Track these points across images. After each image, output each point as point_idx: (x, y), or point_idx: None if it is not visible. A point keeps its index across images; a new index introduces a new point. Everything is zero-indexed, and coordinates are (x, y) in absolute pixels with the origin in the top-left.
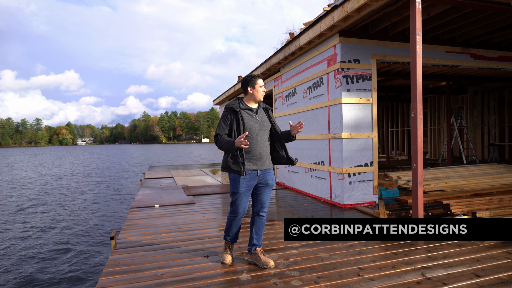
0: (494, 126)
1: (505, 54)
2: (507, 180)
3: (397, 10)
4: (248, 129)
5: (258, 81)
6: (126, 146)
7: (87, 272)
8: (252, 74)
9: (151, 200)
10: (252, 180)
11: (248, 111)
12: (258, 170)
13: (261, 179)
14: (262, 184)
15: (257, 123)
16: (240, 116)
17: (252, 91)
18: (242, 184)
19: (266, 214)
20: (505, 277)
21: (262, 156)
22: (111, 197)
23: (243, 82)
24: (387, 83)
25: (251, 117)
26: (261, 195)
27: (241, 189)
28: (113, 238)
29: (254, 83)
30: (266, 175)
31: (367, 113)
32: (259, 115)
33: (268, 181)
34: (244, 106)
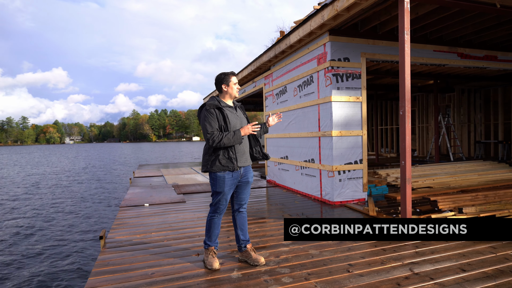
0: (480, 124)
1: (491, 53)
2: (492, 177)
3: (386, 9)
4: (233, 125)
5: (232, 78)
6: (115, 145)
7: (76, 272)
8: (225, 72)
9: (141, 199)
10: (237, 177)
11: (229, 108)
12: (242, 167)
13: (243, 177)
14: (243, 182)
15: (238, 119)
16: (225, 112)
17: (226, 89)
18: (227, 183)
19: (246, 209)
20: (490, 271)
21: (245, 152)
22: (100, 196)
23: (217, 81)
24: (376, 81)
25: (232, 114)
26: (242, 193)
27: (226, 188)
28: (102, 238)
29: (228, 80)
30: (247, 173)
31: (357, 111)
32: (238, 111)
33: (249, 178)
34: (224, 103)
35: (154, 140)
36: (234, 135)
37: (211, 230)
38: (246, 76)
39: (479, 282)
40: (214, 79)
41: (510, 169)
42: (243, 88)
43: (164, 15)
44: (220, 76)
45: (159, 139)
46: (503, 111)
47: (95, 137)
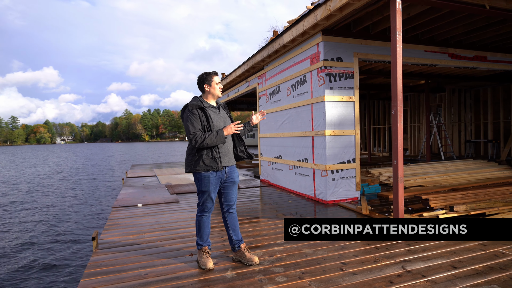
0: (470, 123)
1: (480, 54)
2: (482, 175)
3: (378, 9)
4: (216, 125)
5: (214, 78)
6: (107, 145)
7: (68, 274)
8: (208, 72)
9: (134, 199)
10: (221, 177)
11: (212, 108)
12: (226, 167)
13: (228, 177)
14: (229, 182)
15: (221, 119)
16: (208, 113)
17: (209, 89)
18: (212, 182)
19: (235, 209)
20: (480, 268)
21: (229, 152)
22: (92, 196)
23: (199, 81)
24: (368, 81)
25: (215, 114)
26: (229, 194)
27: (211, 187)
28: (94, 239)
29: (210, 80)
30: (232, 173)
31: (350, 111)
32: (221, 111)
33: (235, 178)
34: (206, 103)
35: (147, 140)
36: (217, 135)
37: (201, 230)
38: (239, 75)
39: (470, 279)
40: (197, 80)
41: (499, 168)
42: (236, 87)
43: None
44: (202, 76)
45: (152, 139)
46: (493, 110)
47: (87, 137)
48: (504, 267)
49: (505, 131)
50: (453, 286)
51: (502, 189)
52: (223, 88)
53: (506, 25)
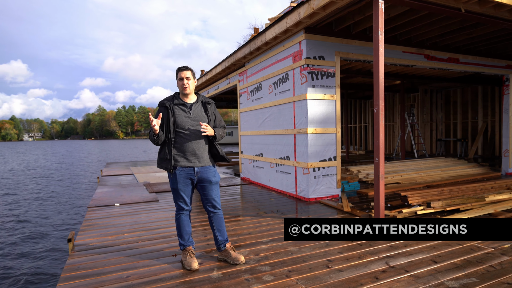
0: (441, 123)
1: (453, 56)
2: (453, 173)
3: (360, 9)
4: (179, 125)
5: (178, 73)
6: (79, 142)
7: (43, 279)
8: (178, 67)
9: (111, 198)
10: (190, 176)
11: (181, 106)
12: (195, 167)
13: (201, 177)
14: (205, 182)
15: (190, 118)
16: (172, 112)
17: (177, 85)
18: (180, 181)
19: (220, 210)
20: (459, 262)
21: (197, 153)
22: (66, 196)
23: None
24: (347, 80)
25: (183, 112)
26: (208, 194)
27: (179, 185)
28: (70, 240)
29: (176, 76)
30: (206, 173)
31: (331, 109)
32: (193, 110)
33: (211, 178)
34: (178, 101)
35: (121, 137)
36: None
37: (180, 229)
38: (219, 72)
39: (450, 272)
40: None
41: (468, 165)
42: (216, 84)
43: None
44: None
45: (127, 136)
46: (462, 111)
47: (57, 133)
48: (480, 261)
49: (473, 131)
50: (435, 280)
51: (474, 186)
52: (204, 85)
53: (477, 29)
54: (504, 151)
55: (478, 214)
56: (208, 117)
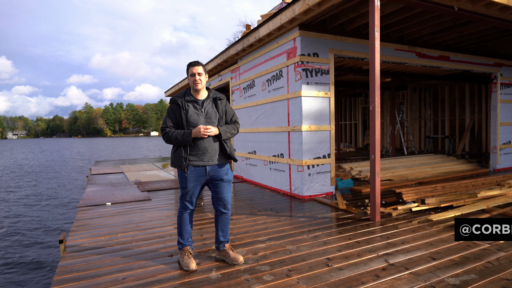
0: (429, 120)
1: (444, 53)
2: (443, 169)
3: (354, 6)
4: (191, 122)
5: (190, 68)
6: (66, 140)
7: (34, 282)
8: (189, 62)
9: (102, 197)
10: (201, 176)
11: (193, 103)
12: (207, 166)
13: (213, 175)
14: (217, 180)
15: (202, 115)
16: (184, 109)
17: (188, 81)
18: (190, 180)
19: (229, 211)
20: (457, 259)
21: (209, 151)
22: (54, 196)
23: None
24: (337, 78)
25: (195, 110)
26: (220, 192)
27: (189, 185)
28: (62, 242)
29: (187, 72)
30: (218, 171)
31: (325, 106)
32: (205, 107)
33: (223, 176)
34: (190, 98)
35: (109, 135)
36: (183, 135)
37: (182, 227)
38: (212, 69)
39: (450, 269)
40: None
41: (457, 162)
42: (208, 81)
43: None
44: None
45: (115, 134)
46: (449, 108)
47: (43, 131)
48: (478, 257)
49: (460, 128)
50: (436, 278)
51: (465, 182)
52: None
53: (469, 27)
54: (492, 148)
55: (471, 210)
56: (219, 114)
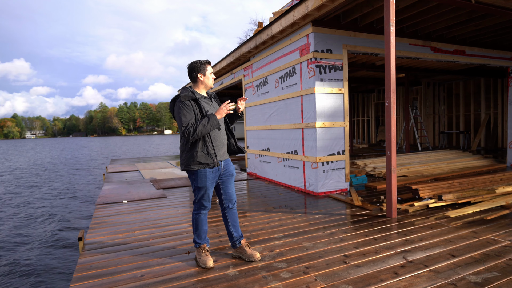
0: (443, 115)
1: (460, 48)
2: (459, 165)
3: (368, 1)
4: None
5: (208, 67)
6: (82, 139)
7: (55, 279)
8: (200, 60)
9: (118, 195)
10: (217, 172)
11: (204, 99)
12: (222, 161)
13: (226, 171)
14: (227, 175)
15: (214, 110)
16: (201, 104)
17: (203, 78)
18: (209, 178)
19: (236, 205)
20: (477, 256)
21: (224, 145)
22: (72, 194)
23: (191, 69)
24: (350, 74)
25: (208, 105)
26: (228, 188)
27: (208, 183)
28: (81, 239)
29: (204, 69)
30: (228, 165)
31: (339, 103)
32: (213, 102)
33: (232, 171)
34: (198, 94)
35: (123, 133)
36: (209, 120)
37: (199, 228)
38: (224, 67)
39: (470, 267)
40: (187, 69)
41: (473, 158)
42: (220, 79)
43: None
44: (195, 65)
45: (129, 132)
46: (464, 103)
47: (59, 131)
48: (499, 254)
49: (475, 123)
50: (456, 275)
51: (483, 178)
52: None
53: (486, 20)
54: (509, 143)
55: (489, 206)
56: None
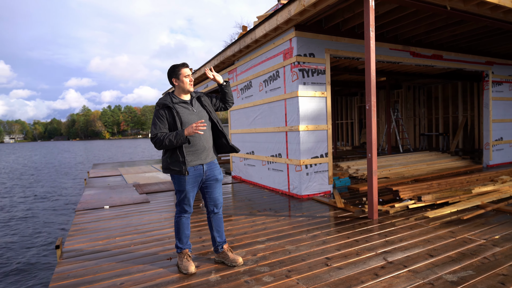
0: (423, 118)
1: (437, 52)
2: (438, 166)
3: (350, 6)
4: (186, 123)
5: (182, 70)
6: (63, 143)
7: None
8: (176, 64)
9: (100, 200)
10: (199, 176)
11: (183, 104)
12: (204, 164)
13: (209, 175)
14: (212, 180)
15: (194, 114)
16: (175, 111)
17: (178, 83)
18: (189, 182)
19: (221, 210)
20: (454, 255)
21: (206, 148)
22: (51, 200)
23: (168, 74)
24: (333, 77)
25: (187, 110)
26: (213, 192)
27: (187, 187)
28: (58, 247)
29: (177, 73)
30: (213, 170)
31: (322, 106)
32: (194, 106)
33: (217, 176)
34: (177, 99)
35: (107, 137)
36: (176, 135)
37: (180, 232)
38: None
39: (447, 266)
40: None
41: (452, 159)
42: (205, 83)
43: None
44: (171, 70)
45: (113, 136)
46: (443, 106)
47: (40, 135)
48: (474, 253)
49: (454, 125)
50: (434, 275)
51: (460, 179)
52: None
53: (461, 26)
54: (485, 144)
55: (466, 206)
56: (207, 110)
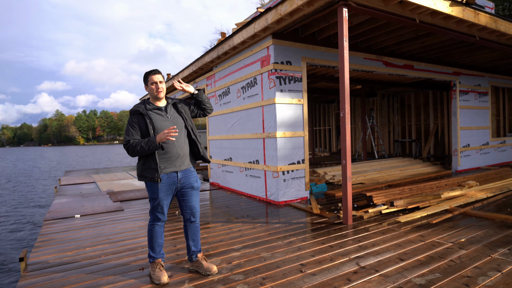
0: (397, 125)
1: (408, 63)
2: (411, 172)
3: (325, 17)
4: (159, 129)
5: (150, 77)
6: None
7: None
8: (148, 71)
9: (70, 209)
10: (173, 184)
11: (156, 110)
12: (178, 172)
13: (184, 182)
14: (187, 188)
15: (168, 121)
16: (148, 117)
17: (147, 90)
18: (162, 189)
19: (198, 219)
20: (423, 259)
21: (181, 155)
22: (17, 209)
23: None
24: (311, 85)
25: (160, 117)
26: (189, 201)
27: (160, 194)
28: (22, 260)
29: (146, 80)
30: (189, 178)
31: (299, 113)
32: (169, 112)
33: (192, 183)
34: (151, 106)
35: (82, 143)
36: (148, 142)
37: (153, 241)
38: (187, 76)
39: (416, 269)
40: None
41: (423, 164)
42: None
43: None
44: (143, 76)
45: (88, 142)
46: (415, 113)
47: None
48: (442, 256)
49: (425, 132)
50: (403, 278)
51: (430, 184)
52: (169, 89)
53: (430, 38)
54: (453, 151)
55: (435, 210)
56: (183, 117)
